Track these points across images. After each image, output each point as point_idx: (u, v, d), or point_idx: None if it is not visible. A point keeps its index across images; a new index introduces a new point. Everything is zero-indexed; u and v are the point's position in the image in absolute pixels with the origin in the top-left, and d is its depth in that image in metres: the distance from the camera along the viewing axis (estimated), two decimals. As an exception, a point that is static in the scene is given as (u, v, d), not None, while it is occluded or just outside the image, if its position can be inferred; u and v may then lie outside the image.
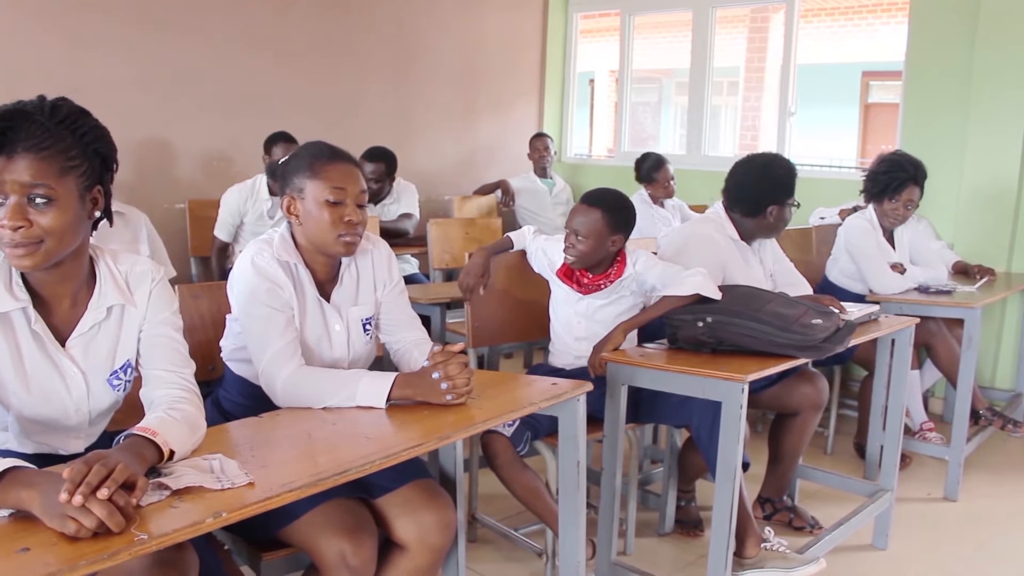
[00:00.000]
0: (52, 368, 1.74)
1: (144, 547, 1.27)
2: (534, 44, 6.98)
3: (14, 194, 1.58)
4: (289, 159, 2.27)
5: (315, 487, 1.51)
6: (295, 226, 2.23)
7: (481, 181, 6.36)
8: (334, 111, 5.74)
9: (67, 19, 4.74)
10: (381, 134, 5.61)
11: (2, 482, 1.36)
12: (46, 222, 1.59)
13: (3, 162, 1.58)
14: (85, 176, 1.65)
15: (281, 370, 2.05)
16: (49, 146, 1.59)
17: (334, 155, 2.22)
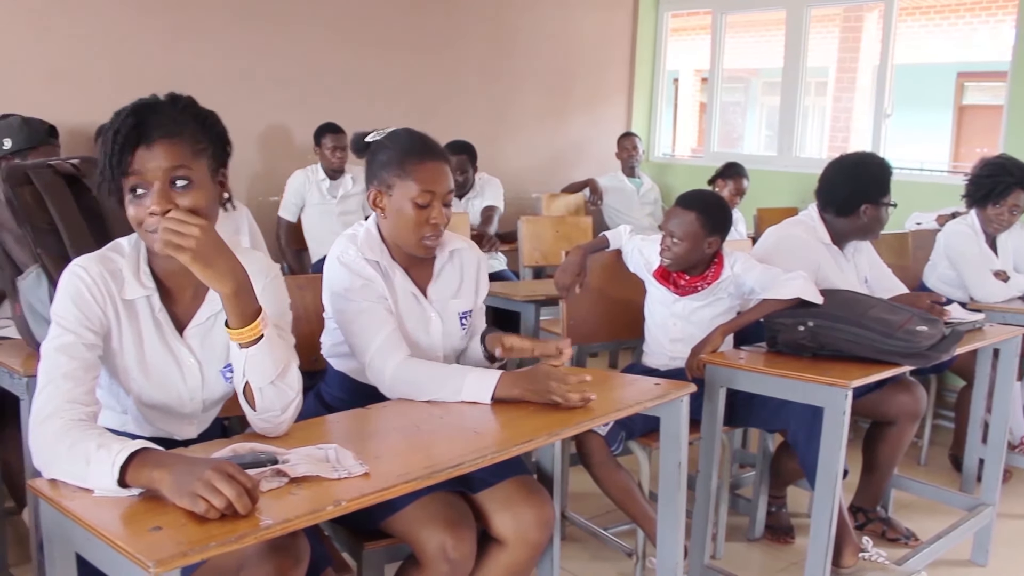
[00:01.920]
0: (170, 356, 1.80)
1: (269, 532, 1.30)
2: (624, 43, 6.95)
3: (156, 180, 1.64)
4: (378, 149, 2.24)
5: (429, 479, 1.53)
6: (382, 220, 2.23)
7: (569, 179, 6.36)
8: (427, 106, 5.82)
9: (168, 13, 4.90)
10: (472, 130, 5.64)
11: (133, 462, 1.41)
12: (189, 203, 1.65)
13: (143, 152, 1.65)
14: (212, 158, 1.72)
15: (388, 362, 2.08)
16: (179, 131, 1.66)
17: (425, 152, 2.19)
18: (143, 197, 1.66)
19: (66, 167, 2.35)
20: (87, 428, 1.54)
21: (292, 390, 1.74)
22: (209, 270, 1.62)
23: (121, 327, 1.73)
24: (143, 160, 1.65)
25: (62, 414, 1.55)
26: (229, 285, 1.64)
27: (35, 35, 4.60)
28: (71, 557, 1.49)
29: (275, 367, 1.71)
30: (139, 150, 1.65)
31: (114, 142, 1.67)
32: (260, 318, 1.69)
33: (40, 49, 4.62)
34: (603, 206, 6.09)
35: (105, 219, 2.32)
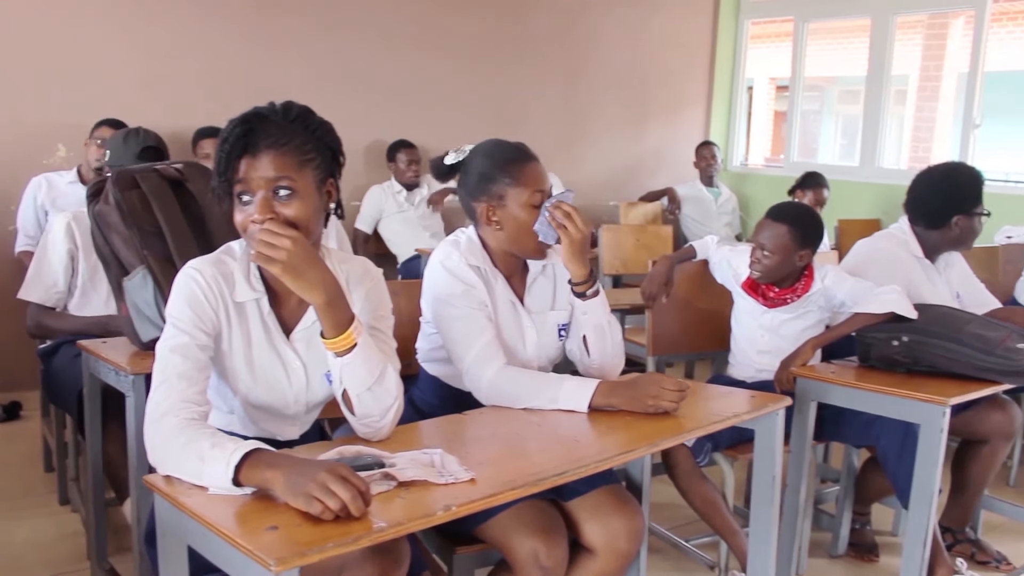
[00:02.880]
0: (276, 358, 1.83)
1: (382, 534, 1.32)
2: (703, 51, 6.92)
3: (260, 189, 1.68)
4: (471, 165, 2.25)
5: (535, 487, 1.53)
6: (491, 231, 2.24)
7: (646, 187, 6.34)
8: (506, 115, 5.87)
9: (254, 23, 5.03)
10: (550, 138, 5.67)
11: (247, 462, 1.45)
12: (291, 213, 1.68)
13: (248, 161, 1.69)
14: (320, 169, 1.75)
15: (486, 369, 2.09)
16: (287, 142, 1.70)
17: (524, 156, 2.22)
18: (248, 204, 1.70)
19: (170, 172, 2.42)
20: (201, 427, 1.58)
21: (390, 395, 1.76)
22: (300, 281, 1.64)
23: (231, 329, 1.77)
24: (249, 168, 1.69)
25: (176, 413, 1.59)
26: (320, 296, 1.66)
27: (128, 44, 4.76)
28: (183, 549, 1.53)
29: (371, 374, 1.73)
30: (245, 158, 1.69)
31: (222, 149, 1.71)
32: (353, 327, 1.70)
33: (132, 57, 4.77)
34: (680, 215, 6.06)
35: (206, 222, 2.39)
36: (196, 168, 2.46)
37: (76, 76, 4.62)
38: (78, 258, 3.04)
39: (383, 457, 1.57)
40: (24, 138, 4.54)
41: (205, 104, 4.90)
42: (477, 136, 5.49)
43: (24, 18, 4.49)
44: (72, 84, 4.61)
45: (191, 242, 2.31)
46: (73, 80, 4.61)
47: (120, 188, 2.32)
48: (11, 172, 4.47)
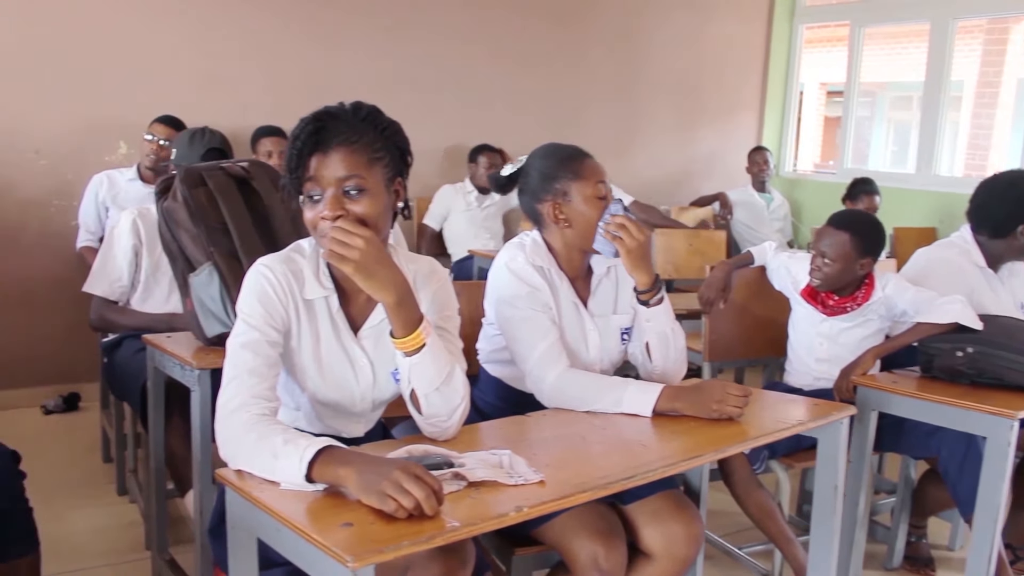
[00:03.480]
0: (344, 356, 1.85)
1: (456, 534, 1.33)
2: (756, 56, 6.87)
3: (330, 187, 1.69)
4: (530, 172, 2.28)
5: (604, 490, 1.53)
6: (558, 230, 2.25)
7: (698, 192, 6.31)
8: (560, 119, 5.91)
9: (313, 23, 5.10)
10: (603, 142, 5.66)
11: (319, 459, 1.46)
12: (360, 211, 1.70)
13: (319, 159, 1.70)
14: (388, 167, 1.76)
15: (549, 371, 2.10)
16: (357, 140, 1.71)
17: (581, 152, 2.27)
18: (318, 202, 1.72)
19: (236, 170, 2.45)
20: (272, 423, 1.60)
21: (458, 395, 1.77)
22: (371, 281, 1.66)
23: (301, 326, 1.79)
24: (319, 166, 1.70)
25: (248, 408, 1.61)
26: (391, 296, 1.67)
27: (189, 42, 4.84)
28: (253, 543, 1.55)
29: (439, 374, 1.74)
30: (316, 156, 1.71)
31: (293, 147, 1.73)
32: (423, 327, 1.71)
33: (193, 56, 4.84)
34: (732, 220, 6.02)
35: (271, 220, 2.42)
36: (261, 167, 2.49)
37: (137, 74, 4.70)
38: (142, 253, 3.09)
39: (451, 457, 1.58)
40: (87, 136, 4.63)
41: (264, 103, 4.97)
42: (530, 138, 5.57)
43: (87, 17, 4.58)
44: (133, 82, 4.69)
45: (256, 239, 2.34)
46: (134, 78, 4.70)
47: (188, 185, 2.35)
48: (74, 169, 4.56)
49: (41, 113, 4.51)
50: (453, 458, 1.57)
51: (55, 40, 4.51)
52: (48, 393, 4.57)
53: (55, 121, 4.55)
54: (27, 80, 4.47)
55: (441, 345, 1.75)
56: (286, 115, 4.74)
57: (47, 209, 4.57)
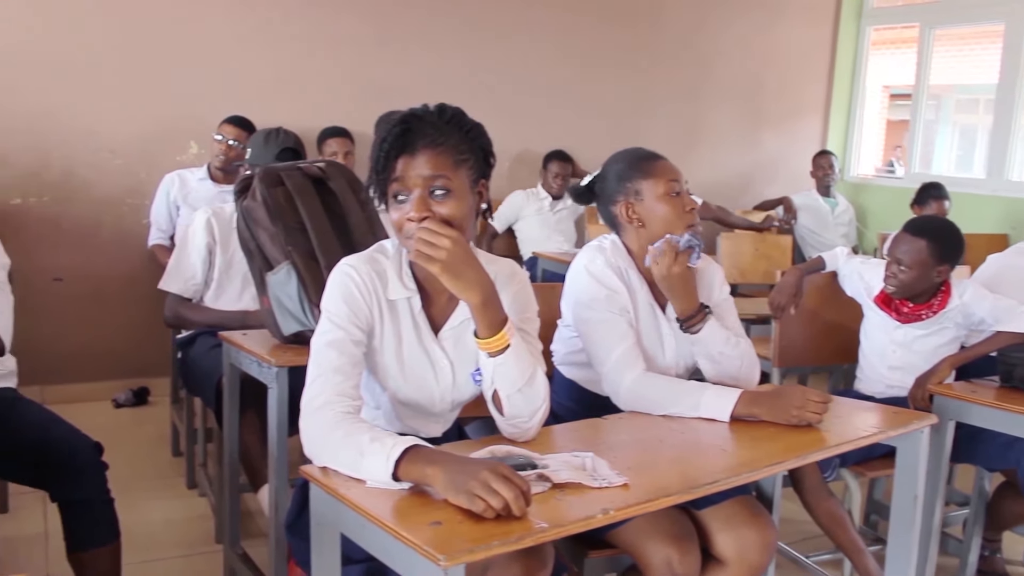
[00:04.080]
0: (425, 356, 1.86)
1: (544, 535, 1.33)
2: (822, 59, 6.79)
3: (417, 188, 1.71)
4: (609, 172, 2.31)
5: (688, 494, 1.53)
6: (633, 230, 2.26)
7: (761, 196, 6.25)
8: (625, 121, 5.94)
9: (387, 24, 5.17)
10: (668, 145, 5.57)
11: (406, 457, 1.47)
12: (446, 211, 1.71)
13: (406, 160, 1.72)
14: (473, 169, 1.77)
15: (626, 374, 2.10)
16: (443, 142, 1.72)
17: (654, 154, 2.29)
18: (404, 203, 1.73)
19: (313, 170, 2.49)
20: (357, 421, 1.62)
21: (539, 397, 1.77)
22: (458, 281, 1.67)
23: (384, 326, 1.81)
24: (406, 167, 1.72)
25: (333, 406, 1.63)
26: (477, 296, 1.68)
27: (260, 43, 4.92)
28: (337, 538, 1.57)
29: (522, 375, 1.75)
30: (403, 157, 1.72)
31: (380, 149, 1.75)
32: (507, 328, 1.72)
33: (264, 57, 4.92)
34: (796, 225, 5.95)
35: (347, 220, 2.45)
36: (337, 167, 2.52)
37: (207, 77, 4.79)
38: (215, 252, 3.15)
39: (534, 458, 1.58)
40: (159, 136, 4.73)
41: (331, 104, 5.03)
42: (596, 142, 5.61)
43: (160, 22, 4.68)
44: (203, 84, 4.78)
45: (333, 239, 2.37)
46: (204, 80, 4.79)
47: (267, 185, 2.39)
48: (147, 168, 4.66)
49: (117, 115, 4.62)
50: (536, 459, 1.57)
51: (130, 45, 4.62)
52: (118, 387, 4.67)
53: (129, 122, 4.65)
54: (104, 83, 4.58)
55: (524, 346, 1.76)
56: (353, 116, 4.87)
57: (120, 208, 4.67)
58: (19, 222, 3.56)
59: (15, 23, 4.38)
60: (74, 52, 4.49)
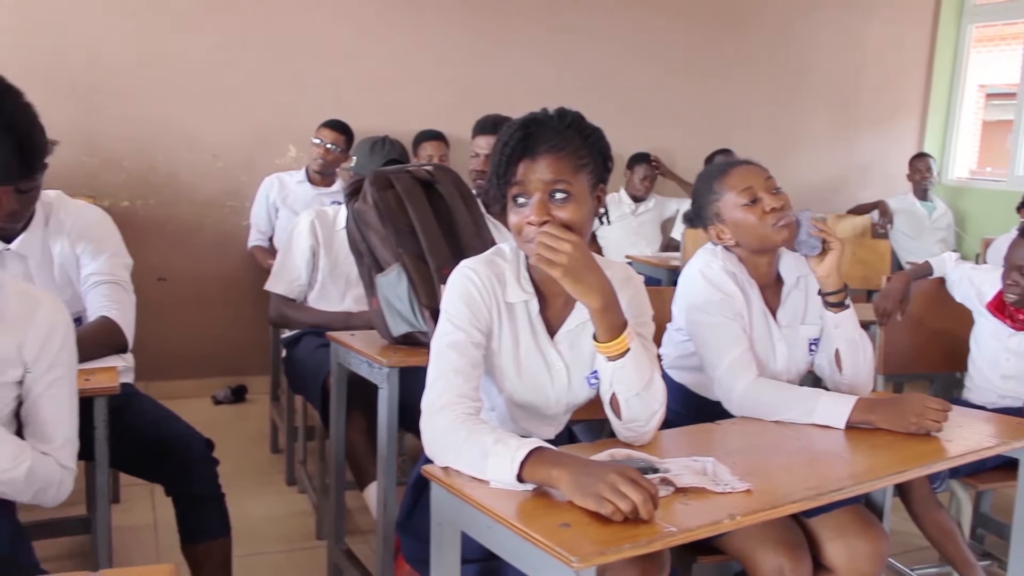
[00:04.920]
0: (541, 359, 1.87)
1: (672, 539, 1.33)
2: (919, 59, 6.63)
3: (537, 192, 1.72)
4: (694, 197, 2.35)
5: (813, 501, 1.51)
6: (733, 250, 2.28)
7: (855, 200, 6.14)
8: (716, 125, 5.90)
9: (480, 28, 5.23)
10: (759, 149, 5.55)
11: (530, 459, 1.48)
12: (565, 216, 1.72)
13: (527, 164, 1.73)
14: (592, 174, 1.78)
15: (739, 379, 2.08)
16: (564, 147, 1.73)
17: (725, 166, 2.28)
18: (523, 207, 1.75)
19: (422, 173, 2.52)
20: (478, 422, 1.63)
21: (657, 401, 1.77)
22: (579, 285, 1.67)
23: (502, 328, 1.82)
24: (527, 171, 1.73)
25: (454, 408, 1.65)
26: (598, 300, 1.69)
27: (357, 49, 5.01)
28: (458, 537, 1.58)
29: (641, 379, 1.75)
30: (524, 161, 1.74)
31: (502, 153, 1.76)
32: (627, 332, 1.73)
33: (360, 62, 5.01)
34: (891, 230, 5.83)
35: (455, 223, 2.47)
36: (444, 171, 2.55)
37: (306, 80, 4.90)
38: (319, 254, 3.21)
39: (655, 462, 1.58)
40: (258, 140, 4.85)
41: (426, 108, 5.09)
42: (687, 145, 5.57)
43: (259, 29, 4.80)
44: (302, 88, 4.89)
45: (441, 241, 2.40)
46: (303, 84, 4.89)
47: (377, 188, 2.43)
48: (247, 171, 4.78)
49: (218, 120, 4.75)
50: (656, 463, 1.58)
51: (231, 53, 4.75)
52: (217, 384, 4.79)
53: (230, 127, 4.78)
54: (206, 90, 4.71)
55: (643, 350, 1.76)
56: (447, 119, 4.92)
57: (221, 210, 4.80)
58: (127, 223, 3.67)
59: (123, 36, 4.54)
60: (178, 61, 4.64)
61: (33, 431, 1.67)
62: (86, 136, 4.46)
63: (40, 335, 1.65)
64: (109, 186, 4.53)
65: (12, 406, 1.67)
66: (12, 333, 1.63)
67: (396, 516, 2.31)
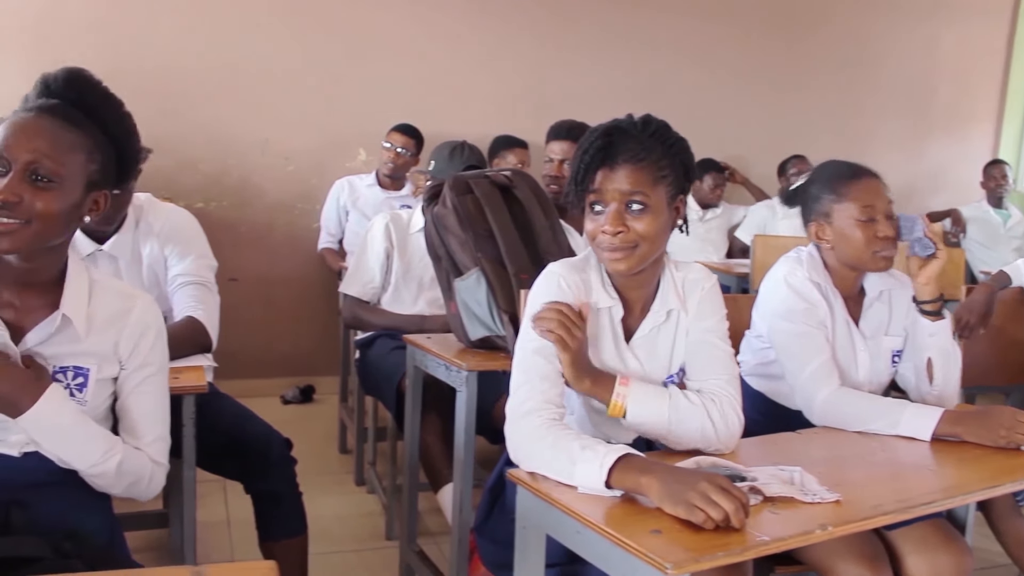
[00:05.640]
0: (621, 364, 1.85)
1: (765, 548, 1.33)
2: (996, 62, 6.49)
3: (614, 201, 1.73)
4: (808, 185, 2.29)
5: (904, 514, 1.50)
6: (824, 249, 2.25)
7: (925, 207, 6.03)
8: (785, 132, 5.85)
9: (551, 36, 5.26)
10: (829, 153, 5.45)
11: (618, 466, 1.49)
12: (641, 227, 1.72)
13: (605, 173, 1.74)
14: (672, 186, 1.77)
15: (821, 388, 2.07)
16: (644, 157, 1.73)
17: (855, 172, 2.22)
18: (599, 215, 1.75)
19: (500, 178, 2.54)
20: (564, 428, 1.64)
21: (695, 432, 1.76)
22: (577, 371, 1.73)
23: (587, 333, 1.82)
24: (604, 180, 1.74)
25: (540, 413, 1.66)
26: (586, 383, 1.74)
27: (432, 54, 5.07)
28: (543, 540, 1.59)
29: (660, 422, 1.75)
30: (602, 170, 1.74)
31: (581, 160, 1.77)
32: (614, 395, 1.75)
33: (429, 67, 5.06)
34: (964, 238, 5.72)
35: (532, 227, 2.49)
36: (522, 176, 2.57)
37: (377, 85, 4.97)
38: (393, 257, 3.24)
39: (741, 470, 1.58)
40: (329, 143, 4.94)
41: (496, 113, 5.14)
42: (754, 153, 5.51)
43: (330, 35, 4.89)
44: (373, 92, 4.96)
45: (520, 246, 2.41)
46: (374, 88, 4.96)
47: (457, 192, 2.46)
48: (318, 174, 4.87)
49: (290, 124, 4.84)
50: (743, 471, 1.57)
51: (302, 58, 4.84)
52: (286, 384, 4.87)
53: (302, 131, 4.87)
54: (279, 94, 4.82)
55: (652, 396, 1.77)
56: (516, 124, 4.94)
57: (292, 212, 4.88)
58: (202, 225, 3.74)
59: (201, 43, 4.66)
60: (252, 68, 4.74)
61: (126, 427, 1.71)
62: (164, 140, 4.56)
63: (134, 333, 1.69)
64: (185, 188, 4.63)
65: (108, 403, 1.71)
66: (108, 331, 1.67)
67: (471, 518, 2.34)
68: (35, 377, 1.55)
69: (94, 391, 1.65)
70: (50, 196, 1.51)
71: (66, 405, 1.58)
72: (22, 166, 1.49)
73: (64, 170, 1.52)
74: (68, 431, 1.59)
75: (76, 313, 1.61)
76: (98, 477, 1.64)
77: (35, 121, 1.53)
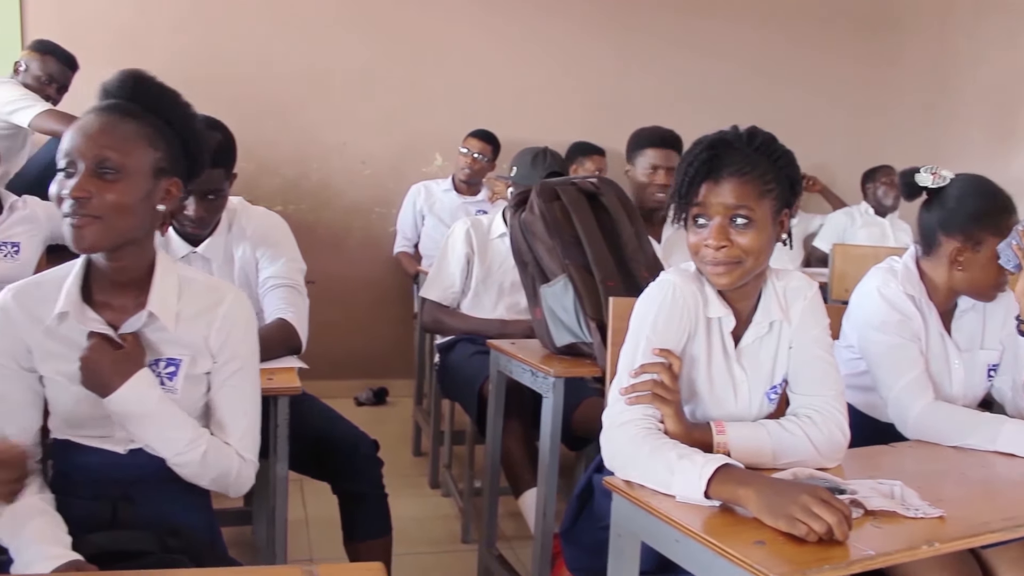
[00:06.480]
0: (728, 375, 1.84)
1: (872, 562, 1.32)
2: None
3: (718, 215, 1.71)
4: (961, 195, 2.19)
5: (1012, 532, 1.47)
6: (946, 269, 2.19)
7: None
8: (862, 138, 5.75)
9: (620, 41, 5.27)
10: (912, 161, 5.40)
11: (717, 476, 1.48)
12: (745, 242, 1.71)
13: (709, 187, 1.72)
14: (777, 200, 1.75)
15: (915, 401, 2.04)
16: (749, 171, 1.71)
17: (1014, 209, 2.17)
18: (703, 228, 1.74)
19: (587, 185, 2.55)
20: (660, 437, 1.64)
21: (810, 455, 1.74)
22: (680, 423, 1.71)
23: (698, 342, 1.81)
24: (708, 194, 1.72)
25: (637, 423, 1.66)
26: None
27: (509, 61, 5.11)
28: (638, 548, 1.60)
29: (762, 459, 1.72)
30: (707, 183, 1.72)
31: (686, 173, 1.75)
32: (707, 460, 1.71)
33: (506, 72, 5.10)
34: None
35: (618, 235, 2.49)
36: (608, 183, 2.58)
37: (454, 90, 5.03)
38: (473, 262, 3.27)
39: (840, 483, 1.56)
40: (406, 148, 5.00)
41: (570, 119, 5.16)
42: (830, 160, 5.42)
43: (407, 39, 4.95)
44: (450, 98, 5.02)
45: (606, 253, 2.42)
46: (451, 94, 5.02)
47: (544, 199, 2.47)
48: (394, 179, 4.93)
49: (368, 129, 4.92)
50: (842, 484, 1.56)
51: (380, 63, 4.92)
52: (359, 386, 4.94)
53: (380, 136, 4.94)
54: (357, 99, 4.90)
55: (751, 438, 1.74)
56: (590, 130, 4.95)
57: (369, 216, 4.95)
58: (282, 228, 3.91)
59: (282, 51, 4.76)
60: (331, 74, 4.84)
61: (215, 421, 1.73)
62: (246, 144, 4.64)
63: (223, 326, 1.71)
64: (265, 191, 4.72)
65: (203, 400, 1.73)
66: (198, 325, 1.70)
67: (554, 523, 2.35)
68: (127, 359, 1.60)
69: (186, 383, 1.68)
70: (119, 187, 1.55)
71: (153, 390, 1.62)
72: (88, 163, 1.54)
73: (128, 160, 1.57)
74: (154, 416, 1.63)
75: (164, 310, 1.65)
76: (183, 466, 1.68)
77: (95, 120, 1.59)
